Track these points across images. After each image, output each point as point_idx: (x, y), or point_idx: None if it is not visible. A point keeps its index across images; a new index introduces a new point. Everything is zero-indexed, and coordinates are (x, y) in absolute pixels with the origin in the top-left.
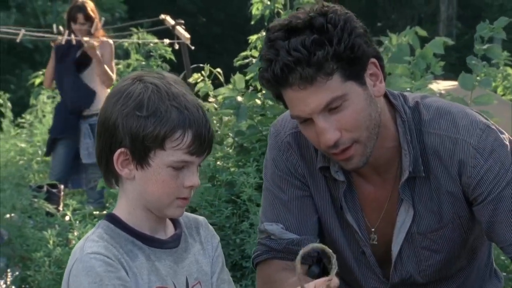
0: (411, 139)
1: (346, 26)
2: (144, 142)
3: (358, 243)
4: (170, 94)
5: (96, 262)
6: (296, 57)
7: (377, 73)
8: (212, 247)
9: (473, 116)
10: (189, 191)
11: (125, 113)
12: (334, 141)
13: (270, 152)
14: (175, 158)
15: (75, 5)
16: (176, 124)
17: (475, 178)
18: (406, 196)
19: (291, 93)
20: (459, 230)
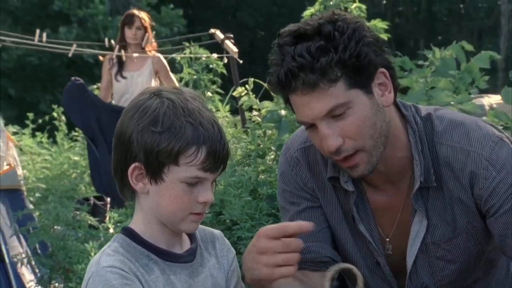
0: (422, 149)
1: (354, 35)
2: (158, 157)
3: (372, 253)
4: (186, 110)
5: (112, 275)
6: (300, 62)
7: (386, 83)
8: (227, 261)
9: (486, 128)
10: (202, 207)
11: (140, 128)
12: (335, 148)
13: (280, 169)
14: (189, 174)
15: (130, 12)
16: (190, 140)
17: (487, 190)
18: (419, 206)
19: (296, 98)
20: (473, 240)
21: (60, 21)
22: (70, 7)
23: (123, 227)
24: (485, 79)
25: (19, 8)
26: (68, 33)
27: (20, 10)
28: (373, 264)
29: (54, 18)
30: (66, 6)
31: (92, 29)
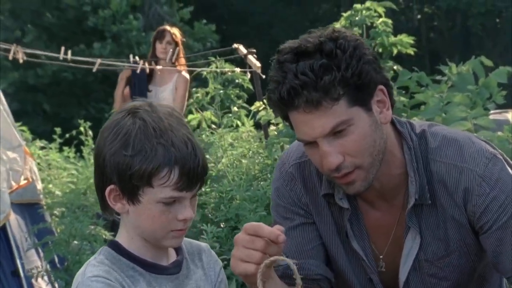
0: (418, 167)
1: (355, 53)
2: (131, 180)
3: (365, 270)
4: (158, 130)
5: (97, 284)
6: (303, 80)
7: (384, 100)
8: (214, 273)
9: (480, 145)
10: (183, 224)
11: (112, 151)
12: (336, 165)
13: (275, 183)
14: (164, 195)
15: (162, 27)
16: (162, 162)
17: (481, 207)
18: (413, 224)
19: (297, 116)
20: (466, 257)
21: (94, 37)
22: (105, 23)
23: (110, 240)
24: (503, 94)
25: (54, 24)
26: (102, 48)
27: (55, 26)
28: (366, 281)
29: (88, 34)
30: (101, 22)
31: (126, 45)
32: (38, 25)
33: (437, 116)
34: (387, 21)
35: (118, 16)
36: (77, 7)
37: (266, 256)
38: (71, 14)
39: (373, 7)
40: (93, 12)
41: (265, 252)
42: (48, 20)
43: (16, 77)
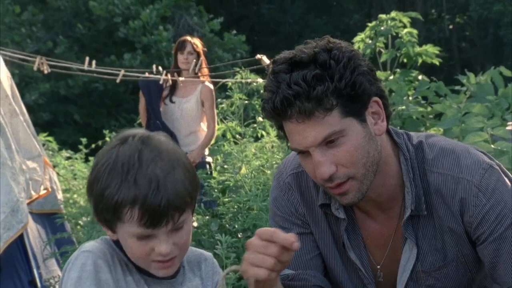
0: (414, 177)
1: (349, 64)
2: (103, 214)
3: (362, 280)
4: (125, 168)
5: (88, 260)
6: (296, 90)
7: (379, 112)
8: (212, 283)
9: (477, 155)
10: (162, 257)
11: (88, 185)
12: (329, 175)
13: (273, 193)
14: (134, 231)
15: (183, 38)
16: (123, 200)
17: (477, 217)
18: (410, 235)
19: (290, 125)
20: (463, 268)
21: (125, 47)
22: (135, 34)
23: None
24: None
25: (86, 35)
26: (133, 59)
27: (86, 37)
28: None
29: (119, 45)
30: (131, 33)
31: (156, 56)
32: (69, 36)
33: (455, 127)
34: (412, 31)
35: (149, 27)
36: (108, 18)
37: (278, 262)
38: (102, 25)
39: (398, 17)
40: (123, 23)
41: (278, 258)
42: (79, 31)
43: (48, 87)
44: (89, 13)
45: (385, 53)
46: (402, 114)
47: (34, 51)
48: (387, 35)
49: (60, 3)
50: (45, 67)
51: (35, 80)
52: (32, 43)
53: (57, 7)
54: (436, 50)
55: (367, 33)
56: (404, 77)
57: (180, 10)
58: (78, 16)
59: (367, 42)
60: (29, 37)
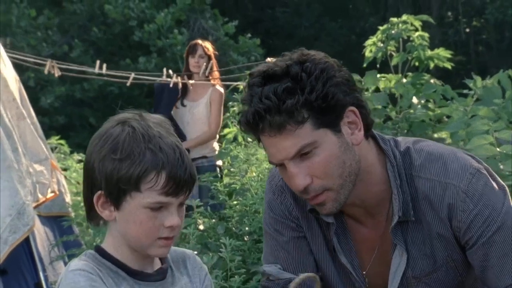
0: (401, 184)
1: (321, 75)
2: (118, 184)
3: (354, 284)
4: (146, 136)
5: (80, 277)
6: (267, 104)
7: (356, 121)
8: (199, 279)
9: (464, 160)
10: (170, 231)
11: (101, 156)
12: (303, 187)
13: (266, 196)
14: (151, 200)
15: (193, 41)
16: (150, 165)
17: (465, 222)
18: (399, 241)
19: (264, 139)
20: (453, 273)
21: (140, 51)
22: (150, 38)
23: (95, 245)
24: None
25: (101, 39)
26: (148, 62)
27: (102, 40)
28: None
29: (134, 49)
30: (146, 36)
31: (171, 59)
32: (85, 40)
33: (461, 130)
34: (424, 35)
35: (163, 31)
36: (123, 22)
37: None
38: (117, 28)
39: (409, 21)
40: (139, 26)
41: None
42: (95, 35)
43: (63, 91)
44: (105, 17)
45: (396, 56)
46: (409, 117)
47: (50, 54)
48: (398, 39)
49: (76, 7)
50: (55, 70)
51: (50, 83)
52: (47, 47)
53: (73, 10)
54: (447, 53)
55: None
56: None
57: (195, 14)
58: (94, 20)
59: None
60: (45, 40)
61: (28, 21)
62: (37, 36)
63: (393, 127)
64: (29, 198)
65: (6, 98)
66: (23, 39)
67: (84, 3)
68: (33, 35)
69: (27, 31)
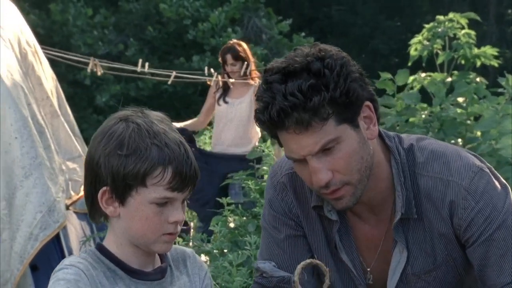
0: (405, 181)
1: (342, 71)
2: (125, 180)
3: (354, 282)
4: (151, 132)
5: (69, 270)
6: (293, 102)
7: (371, 116)
8: (199, 278)
9: (467, 158)
10: (174, 227)
11: (107, 152)
12: (325, 182)
13: (267, 193)
14: (157, 195)
15: (225, 46)
16: (156, 161)
17: (466, 220)
18: (400, 238)
19: (287, 135)
20: (453, 271)
21: (194, 50)
22: (204, 36)
23: (97, 242)
24: None
25: (156, 37)
26: (201, 61)
27: (156, 39)
28: None
29: (188, 47)
30: (200, 35)
31: None
32: (140, 39)
33: (492, 129)
34: (470, 33)
35: (217, 29)
36: (178, 21)
37: None
38: (172, 27)
39: (456, 19)
40: (193, 25)
41: None
42: (150, 33)
43: (118, 89)
44: (160, 16)
45: (442, 55)
46: (441, 116)
47: (105, 53)
48: (444, 37)
49: (132, 6)
50: (98, 68)
51: (106, 82)
52: (103, 46)
53: (129, 9)
54: (494, 51)
55: (424, 34)
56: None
57: (249, 12)
58: (149, 19)
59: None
60: (101, 39)
61: (85, 20)
62: (93, 35)
63: (425, 125)
64: (60, 195)
65: (40, 96)
66: (79, 38)
67: (140, 2)
68: (90, 34)
69: (83, 30)
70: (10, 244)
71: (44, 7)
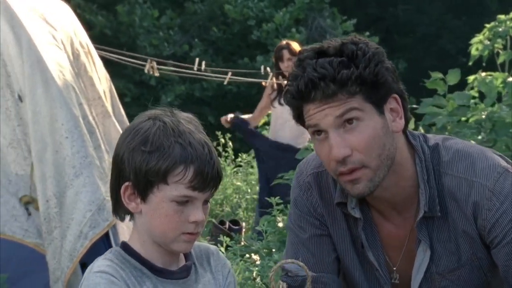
0: (428, 179)
1: (374, 57)
2: (147, 176)
3: (379, 281)
4: (176, 131)
5: (101, 279)
6: (322, 73)
7: (398, 110)
8: (222, 276)
9: (493, 159)
10: (194, 226)
11: (131, 148)
12: (343, 156)
13: (293, 192)
14: (178, 193)
15: (279, 45)
16: (178, 159)
17: (490, 221)
18: (423, 236)
19: (312, 107)
20: (477, 271)
21: (258, 50)
22: (268, 37)
23: (122, 241)
24: None
25: (220, 38)
26: (265, 61)
27: (221, 40)
28: None
29: (252, 48)
30: (264, 35)
31: None
32: (204, 40)
33: None
34: None
35: (281, 30)
36: (242, 21)
37: None
38: (236, 28)
39: None
40: (257, 26)
41: None
42: (214, 34)
43: (183, 90)
44: (224, 16)
45: (503, 54)
46: (493, 116)
47: (171, 54)
48: (506, 36)
49: (197, 7)
50: (154, 70)
51: (171, 82)
52: (169, 46)
53: (194, 10)
54: None
55: (486, 33)
56: None
57: (313, 13)
58: (213, 20)
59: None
60: (166, 40)
61: (151, 21)
62: (159, 36)
63: (476, 126)
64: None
65: (92, 96)
66: (145, 39)
67: (205, 3)
68: (155, 35)
69: (149, 31)
70: (60, 242)
71: (111, 8)
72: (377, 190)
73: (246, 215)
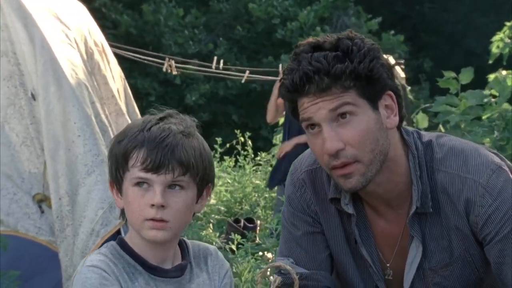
0: (421, 175)
1: (369, 53)
2: (117, 164)
3: (372, 277)
4: (145, 122)
5: (92, 274)
6: (316, 66)
7: (392, 106)
8: (219, 277)
9: (486, 156)
10: (155, 211)
11: (111, 142)
12: (336, 150)
13: (287, 189)
14: (134, 175)
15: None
16: (133, 143)
17: (483, 217)
18: (416, 232)
19: (306, 100)
20: (470, 267)
21: (282, 49)
22: (292, 35)
23: (119, 236)
24: None
25: (244, 37)
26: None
27: (245, 39)
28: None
29: (277, 46)
30: (288, 34)
31: None
32: (229, 38)
33: None
34: None
35: (306, 28)
36: (267, 20)
37: None
38: (261, 26)
39: None
40: (281, 24)
41: None
42: (239, 33)
43: (207, 88)
44: (249, 15)
45: None
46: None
47: (196, 52)
48: None
49: (222, 6)
50: (173, 69)
51: (196, 81)
52: (193, 45)
53: (219, 9)
54: None
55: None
56: None
57: (338, 11)
58: (238, 18)
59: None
60: (191, 39)
61: (176, 20)
62: (184, 35)
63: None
64: None
65: (105, 95)
66: (170, 38)
67: (230, 2)
68: (180, 33)
69: (174, 30)
70: (72, 240)
71: (137, 7)
72: (370, 186)
73: (265, 214)
